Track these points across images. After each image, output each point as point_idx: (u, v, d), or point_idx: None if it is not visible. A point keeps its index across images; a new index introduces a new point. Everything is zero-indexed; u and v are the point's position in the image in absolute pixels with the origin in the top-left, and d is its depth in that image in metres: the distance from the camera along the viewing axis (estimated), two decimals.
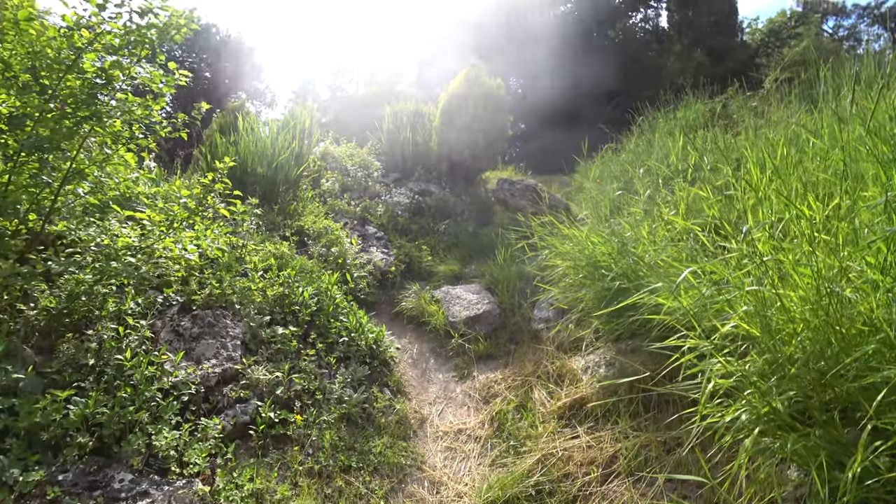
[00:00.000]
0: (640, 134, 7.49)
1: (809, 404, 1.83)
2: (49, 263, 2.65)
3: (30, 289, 2.78)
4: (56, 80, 2.68)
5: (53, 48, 2.70)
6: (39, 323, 2.70)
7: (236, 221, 4.32)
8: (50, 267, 2.66)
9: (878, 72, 4.63)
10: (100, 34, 2.75)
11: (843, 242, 2.10)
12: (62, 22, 2.73)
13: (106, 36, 2.79)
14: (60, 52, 2.70)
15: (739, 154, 4.42)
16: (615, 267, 3.22)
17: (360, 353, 3.66)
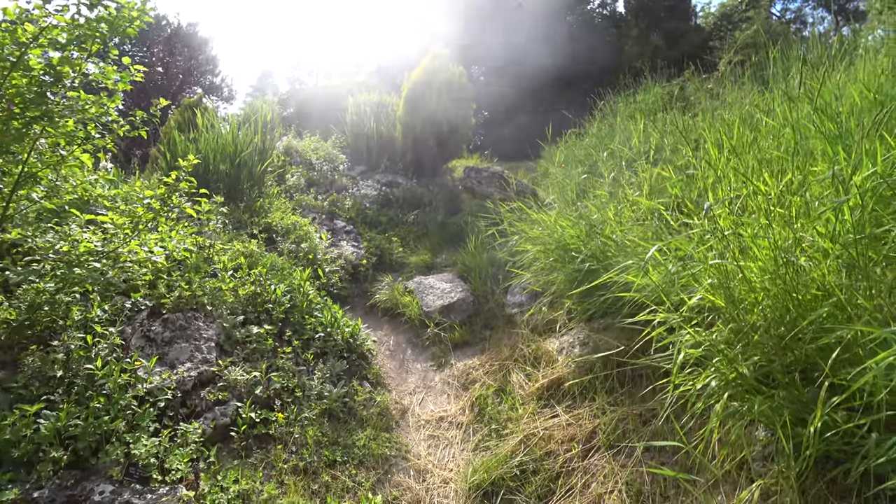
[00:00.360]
0: (603, 118, 7.63)
1: (772, 368, 1.93)
2: (7, 273, 2.54)
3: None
4: (0, 78, 2.54)
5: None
6: (0, 336, 2.60)
7: (201, 221, 4.21)
8: (8, 277, 2.55)
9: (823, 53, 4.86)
10: (45, 28, 2.61)
11: (796, 215, 2.21)
12: (3, 16, 2.59)
13: (53, 30, 2.66)
14: (3, 49, 2.56)
15: (698, 135, 4.57)
16: (584, 249, 3.30)
17: (337, 348, 3.65)
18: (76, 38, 2.74)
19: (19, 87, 2.64)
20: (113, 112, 2.88)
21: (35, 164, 2.85)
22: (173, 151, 5.46)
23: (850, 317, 1.76)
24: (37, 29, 2.60)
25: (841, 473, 1.69)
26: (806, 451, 1.66)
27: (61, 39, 2.71)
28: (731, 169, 2.84)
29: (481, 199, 6.93)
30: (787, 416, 1.74)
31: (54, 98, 2.76)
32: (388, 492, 2.75)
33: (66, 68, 2.74)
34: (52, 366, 2.53)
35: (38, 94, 2.68)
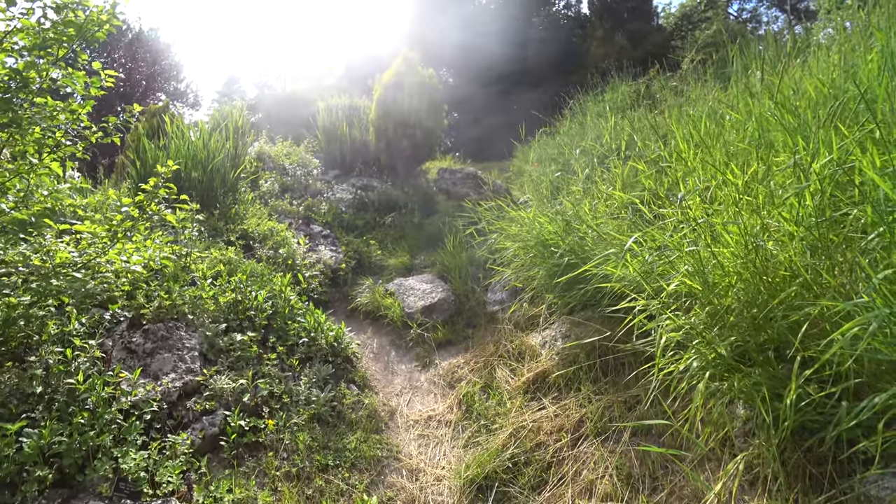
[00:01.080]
0: (573, 117, 7.79)
1: (748, 347, 2.04)
2: None
3: None
4: None
5: None
6: None
7: (176, 229, 4.14)
8: None
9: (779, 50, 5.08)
10: (10, 32, 2.54)
11: (763, 203, 2.33)
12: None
13: (17, 34, 2.58)
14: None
15: (665, 130, 4.73)
16: (563, 244, 3.38)
17: (321, 353, 3.64)
18: (42, 42, 2.67)
19: None
20: (85, 118, 2.81)
21: (2, 173, 2.76)
22: (143, 159, 5.34)
23: (817, 294, 1.88)
24: (1, 32, 2.53)
25: (816, 442, 1.80)
26: (784, 423, 1.76)
27: (26, 43, 2.64)
28: (700, 161, 2.97)
29: (456, 199, 6.99)
30: (764, 391, 1.84)
31: (21, 104, 2.68)
32: (383, 493, 2.76)
33: (33, 73, 2.66)
34: (31, 382, 2.46)
35: (4, 100, 2.60)
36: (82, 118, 2.80)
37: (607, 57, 18.01)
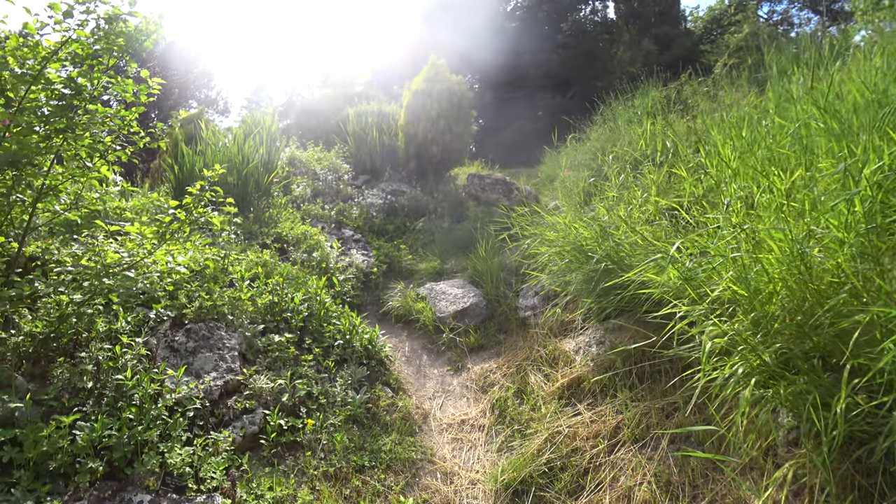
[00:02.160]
0: (603, 123, 7.73)
1: (793, 354, 1.99)
2: (36, 285, 2.57)
3: (10, 314, 2.70)
4: (23, 92, 2.58)
5: (17, 58, 2.60)
6: (27, 349, 2.62)
7: (214, 232, 4.26)
8: (37, 289, 2.57)
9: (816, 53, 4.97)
10: (66, 42, 2.65)
11: (808, 209, 2.29)
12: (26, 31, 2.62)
13: (72, 44, 2.70)
14: (25, 63, 2.60)
15: (698, 137, 4.67)
16: (599, 250, 3.36)
17: (356, 355, 3.68)
18: (95, 52, 2.78)
19: (37, 100, 2.67)
20: (135, 124, 2.92)
21: (56, 176, 2.88)
22: (181, 164, 5.51)
23: (867, 301, 1.83)
24: (57, 44, 2.64)
25: (865, 453, 1.75)
26: (832, 432, 1.72)
27: (80, 53, 2.75)
28: (743, 166, 2.92)
29: (486, 205, 7.01)
30: (812, 400, 1.80)
31: (76, 110, 2.80)
32: (418, 495, 2.78)
33: (85, 81, 2.77)
34: (82, 377, 2.56)
35: (60, 107, 2.71)
36: (132, 124, 2.91)
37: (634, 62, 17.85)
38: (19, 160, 2.54)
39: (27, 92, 2.58)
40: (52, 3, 2.54)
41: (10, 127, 2.56)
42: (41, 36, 2.61)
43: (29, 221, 2.80)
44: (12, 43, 2.56)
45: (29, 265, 3.13)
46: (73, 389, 2.55)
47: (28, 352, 2.62)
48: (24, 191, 2.73)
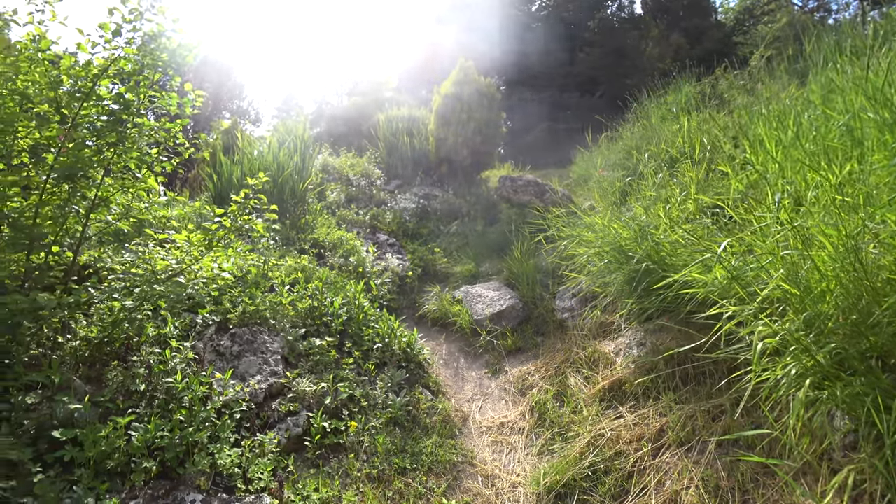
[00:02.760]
0: (636, 121, 7.60)
1: (848, 355, 1.92)
2: (92, 292, 2.69)
3: (68, 320, 2.82)
4: (76, 109, 2.71)
5: (71, 76, 2.73)
6: (83, 353, 2.74)
7: (253, 239, 4.37)
8: (92, 296, 2.69)
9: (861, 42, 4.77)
10: (115, 60, 2.77)
11: (862, 203, 2.20)
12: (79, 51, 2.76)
13: (120, 61, 2.82)
14: (77, 81, 2.73)
15: (739, 131, 4.54)
16: (639, 250, 3.31)
17: (395, 358, 3.71)
18: (141, 67, 2.90)
19: (89, 115, 2.80)
20: (180, 135, 3.03)
21: (107, 188, 3.01)
22: (220, 172, 5.68)
23: None
24: (107, 61, 2.76)
25: None
26: (893, 436, 1.65)
27: (128, 70, 2.87)
28: (787, 161, 2.83)
29: (518, 207, 6.97)
30: (869, 402, 1.73)
31: (125, 124, 2.92)
32: (460, 497, 2.78)
33: (133, 96, 2.89)
34: (135, 380, 2.66)
35: (110, 121, 2.84)
36: (178, 136, 3.02)
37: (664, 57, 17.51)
38: (75, 173, 2.67)
39: (80, 108, 2.71)
40: (102, 24, 2.66)
41: (65, 142, 2.69)
42: (92, 55, 2.74)
43: (83, 231, 2.93)
44: (66, 62, 2.69)
45: (82, 273, 3.28)
46: (127, 392, 2.65)
47: (84, 356, 2.74)
48: (78, 202, 2.86)
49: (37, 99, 2.70)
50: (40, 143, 2.73)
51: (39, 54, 2.63)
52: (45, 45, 2.63)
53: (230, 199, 3.21)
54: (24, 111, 2.70)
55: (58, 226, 2.81)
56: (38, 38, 2.62)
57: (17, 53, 2.68)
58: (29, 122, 2.68)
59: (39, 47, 2.62)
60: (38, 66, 2.65)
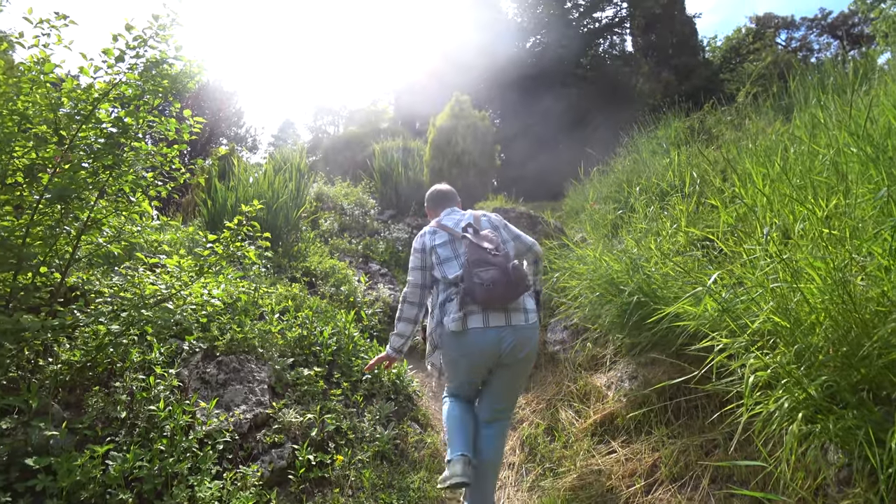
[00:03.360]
0: (627, 154, 7.73)
1: (840, 387, 1.91)
2: (78, 315, 2.64)
3: (50, 343, 2.76)
4: (74, 131, 2.72)
5: (72, 99, 2.75)
6: (64, 377, 2.67)
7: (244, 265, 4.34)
8: (78, 319, 2.64)
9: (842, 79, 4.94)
10: (116, 84, 2.80)
11: (848, 236, 2.23)
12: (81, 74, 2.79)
13: (121, 86, 2.85)
14: (78, 104, 2.75)
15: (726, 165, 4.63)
16: (630, 282, 3.31)
17: (384, 390, 3.65)
18: (142, 93, 2.93)
19: (87, 138, 2.81)
20: (177, 161, 3.05)
21: (100, 210, 3.00)
22: (214, 198, 5.68)
23: None
24: (108, 85, 2.79)
25: None
26: (888, 470, 1.62)
27: (129, 94, 2.90)
28: (775, 195, 2.88)
29: None
30: (862, 435, 1.71)
31: (122, 148, 2.93)
32: None
33: (132, 120, 2.91)
34: (116, 407, 2.59)
35: (108, 144, 2.85)
36: (174, 161, 3.03)
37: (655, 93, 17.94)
38: (69, 195, 2.66)
39: (78, 130, 2.72)
40: (106, 49, 2.70)
41: (61, 163, 2.69)
42: (94, 79, 2.77)
43: (73, 253, 2.90)
44: (68, 85, 2.72)
45: (69, 295, 3.23)
46: (107, 419, 2.58)
47: (65, 380, 2.67)
48: (70, 223, 2.84)
49: (36, 120, 2.71)
50: (37, 163, 2.73)
51: (42, 76, 2.65)
52: (48, 68, 2.65)
53: (224, 224, 3.19)
54: (23, 131, 2.71)
55: (47, 246, 2.78)
56: (42, 60, 2.65)
57: (19, 74, 2.71)
58: (27, 142, 2.69)
59: (43, 70, 2.64)
60: (40, 87, 2.67)
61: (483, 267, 2.34)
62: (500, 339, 2.37)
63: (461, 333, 2.40)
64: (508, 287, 2.31)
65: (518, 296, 2.38)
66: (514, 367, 2.47)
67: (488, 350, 2.39)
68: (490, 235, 2.51)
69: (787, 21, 27.62)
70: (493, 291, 2.30)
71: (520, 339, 2.39)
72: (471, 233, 2.52)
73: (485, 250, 2.39)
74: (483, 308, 2.39)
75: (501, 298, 2.33)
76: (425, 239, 2.72)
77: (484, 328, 2.38)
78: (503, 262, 2.35)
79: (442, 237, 2.66)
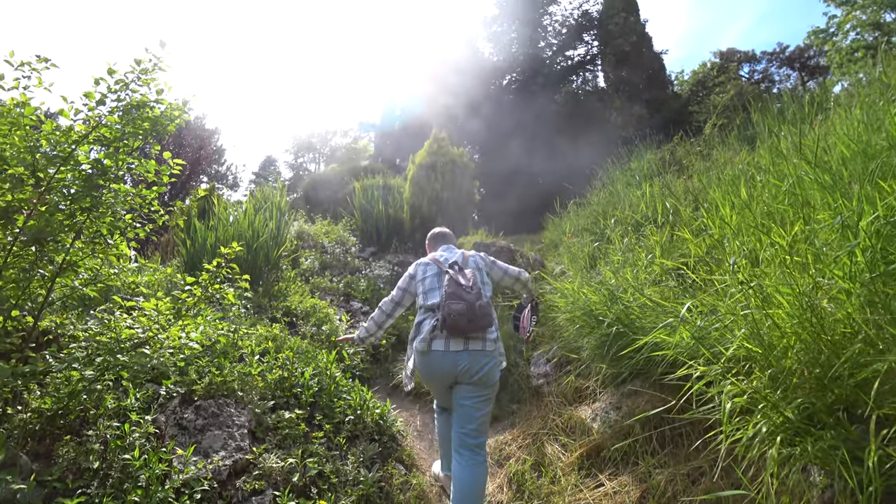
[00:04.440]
0: (602, 187, 7.93)
1: (816, 409, 1.95)
2: (51, 361, 2.57)
3: (20, 390, 2.67)
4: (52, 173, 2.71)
5: (50, 142, 2.74)
6: (34, 426, 2.57)
7: (224, 306, 4.29)
8: (50, 365, 2.57)
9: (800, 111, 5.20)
10: (96, 127, 2.81)
11: (811, 261, 2.32)
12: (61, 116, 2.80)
13: (102, 128, 2.86)
14: (57, 146, 2.74)
15: (696, 196, 4.79)
16: (609, 314, 3.36)
17: (367, 431, 3.59)
18: (122, 135, 2.94)
19: (64, 180, 2.80)
20: (156, 203, 3.05)
21: (76, 252, 2.96)
22: (194, 238, 5.65)
23: (882, 350, 1.81)
24: (88, 128, 2.81)
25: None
26: (868, 488, 1.65)
27: (109, 137, 2.90)
28: (742, 223, 2.98)
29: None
30: (841, 455, 1.74)
31: (101, 190, 2.92)
32: None
33: (111, 162, 2.91)
34: (88, 457, 2.49)
35: (86, 187, 2.83)
36: (153, 203, 3.03)
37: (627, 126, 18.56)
38: (45, 237, 2.63)
39: (56, 172, 2.71)
40: (87, 93, 2.73)
41: (37, 205, 2.67)
42: (74, 121, 2.78)
43: (47, 296, 2.85)
44: (48, 127, 2.73)
45: (41, 339, 3.15)
46: (79, 470, 2.47)
47: (34, 429, 2.57)
48: (45, 266, 2.80)
49: (13, 162, 2.69)
50: (12, 205, 2.69)
51: (22, 119, 2.65)
52: (28, 111, 2.66)
53: (203, 265, 3.17)
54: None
55: (20, 289, 2.72)
56: (22, 104, 2.67)
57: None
58: (2, 184, 2.66)
59: (23, 113, 2.65)
60: (19, 129, 2.67)
61: (455, 300, 2.76)
62: (456, 362, 2.78)
63: (426, 353, 2.87)
64: (472, 320, 2.72)
65: (479, 329, 2.77)
66: (471, 387, 2.83)
67: (446, 369, 2.82)
68: (469, 274, 2.93)
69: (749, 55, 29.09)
70: (457, 321, 2.71)
71: (473, 361, 2.78)
72: (455, 270, 2.97)
73: (461, 286, 2.82)
74: (448, 334, 2.80)
75: (464, 328, 2.73)
76: (419, 268, 3.23)
77: (444, 351, 2.81)
78: (473, 299, 2.76)
79: (432, 269, 3.14)
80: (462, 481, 2.71)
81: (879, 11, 24.84)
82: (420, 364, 2.94)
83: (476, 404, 2.84)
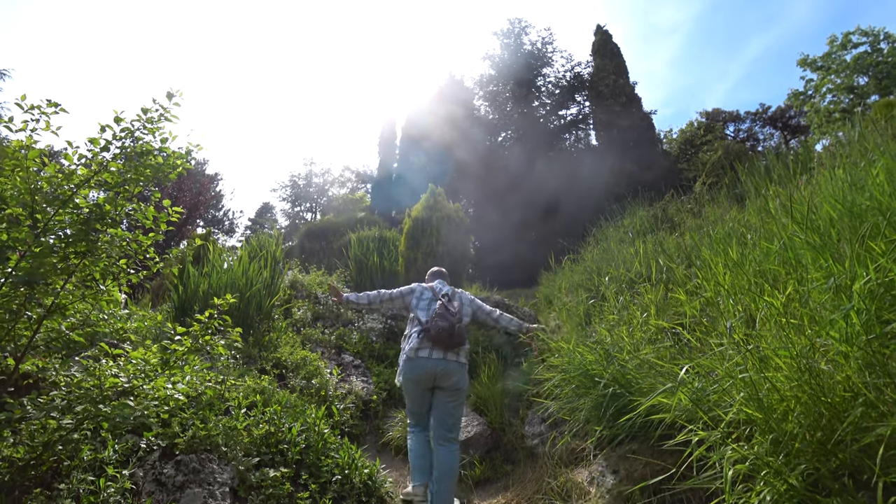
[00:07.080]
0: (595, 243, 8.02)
1: (820, 475, 1.89)
2: (28, 409, 2.47)
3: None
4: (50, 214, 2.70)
5: (52, 184, 2.75)
6: (3, 477, 2.44)
7: (212, 356, 4.19)
8: (27, 413, 2.47)
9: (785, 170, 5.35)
10: (98, 172, 2.84)
11: (807, 323, 2.31)
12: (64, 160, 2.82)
13: (103, 173, 2.87)
14: (58, 189, 2.75)
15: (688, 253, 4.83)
16: (605, 374, 3.30)
17: (354, 492, 3.43)
18: (123, 181, 2.96)
19: (62, 222, 2.79)
20: (151, 250, 3.03)
21: (66, 295, 2.91)
22: (186, 284, 5.59)
23: (884, 413, 1.78)
24: (90, 172, 2.83)
25: None
26: None
27: (110, 182, 2.93)
28: (735, 283, 3.00)
29: (486, 328, 6.98)
30: None
31: (98, 234, 2.91)
32: None
33: (110, 207, 2.92)
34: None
35: (83, 230, 2.83)
36: (149, 250, 3.02)
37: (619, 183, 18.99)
38: (36, 280, 2.60)
39: (55, 214, 2.71)
40: (92, 139, 2.78)
41: (32, 246, 2.65)
42: (77, 165, 2.81)
43: (31, 338, 2.78)
44: (50, 170, 2.76)
45: (21, 383, 3.04)
46: None
47: (3, 480, 2.43)
48: (33, 308, 2.74)
49: (12, 202, 2.70)
50: (7, 244, 2.67)
51: (25, 162, 2.68)
52: (32, 154, 2.69)
53: (193, 311, 3.13)
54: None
55: (3, 330, 2.66)
56: (27, 146, 2.70)
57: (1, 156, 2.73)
58: None
59: (27, 155, 2.68)
60: (21, 171, 2.69)
61: (442, 319, 3.61)
62: (436, 366, 3.57)
63: (413, 359, 3.63)
64: (451, 338, 3.55)
65: (456, 346, 3.59)
66: (447, 391, 3.61)
67: (429, 370, 3.58)
68: (456, 305, 3.84)
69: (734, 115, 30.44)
70: (440, 335, 3.54)
71: (448, 367, 3.58)
72: (446, 299, 3.85)
73: (448, 311, 3.69)
74: (432, 345, 3.60)
75: (444, 342, 3.55)
76: (419, 288, 4.09)
77: (428, 357, 3.58)
78: (455, 321, 3.62)
79: (428, 294, 4.00)
80: (443, 464, 3.42)
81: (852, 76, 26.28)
82: (408, 368, 3.62)
83: (453, 406, 3.60)
